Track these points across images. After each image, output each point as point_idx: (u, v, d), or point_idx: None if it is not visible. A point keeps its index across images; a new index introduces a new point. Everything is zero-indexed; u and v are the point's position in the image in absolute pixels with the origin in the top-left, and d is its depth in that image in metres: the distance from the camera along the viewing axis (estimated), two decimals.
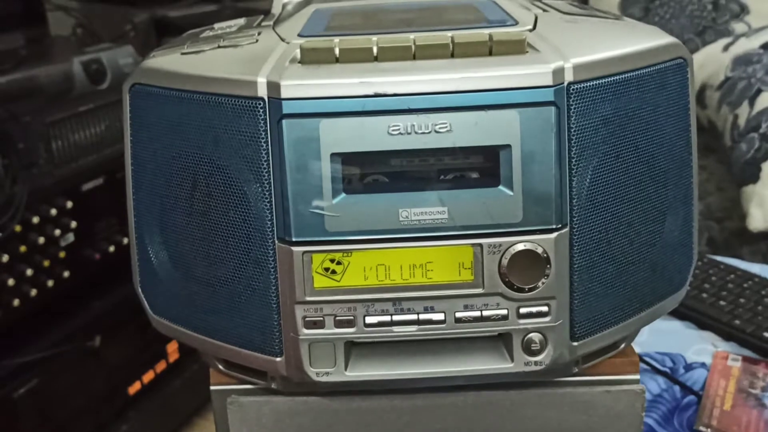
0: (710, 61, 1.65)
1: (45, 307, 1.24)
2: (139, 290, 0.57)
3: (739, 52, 1.60)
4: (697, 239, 0.57)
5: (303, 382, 0.51)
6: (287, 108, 0.47)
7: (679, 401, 0.83)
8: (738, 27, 1.85)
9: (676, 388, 0.85)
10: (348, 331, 0.50)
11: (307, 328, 0.50)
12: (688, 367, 0.88)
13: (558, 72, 0.47)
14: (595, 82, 0.49)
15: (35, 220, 1.19)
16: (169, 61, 0.53)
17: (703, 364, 0.88)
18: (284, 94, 0.47)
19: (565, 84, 0.48)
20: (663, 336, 0.92)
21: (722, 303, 0.96)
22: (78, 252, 1.28)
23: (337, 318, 0.50)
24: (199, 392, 1.51)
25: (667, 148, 0.53)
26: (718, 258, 1.08)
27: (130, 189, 0.54)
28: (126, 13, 1.59)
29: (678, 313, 0.95)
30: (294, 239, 0.48)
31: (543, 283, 0.49)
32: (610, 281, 0.52)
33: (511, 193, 0.48)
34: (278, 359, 0.51)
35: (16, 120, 1.14)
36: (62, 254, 1.25)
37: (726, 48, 1.66)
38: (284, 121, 0.47)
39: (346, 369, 0.51)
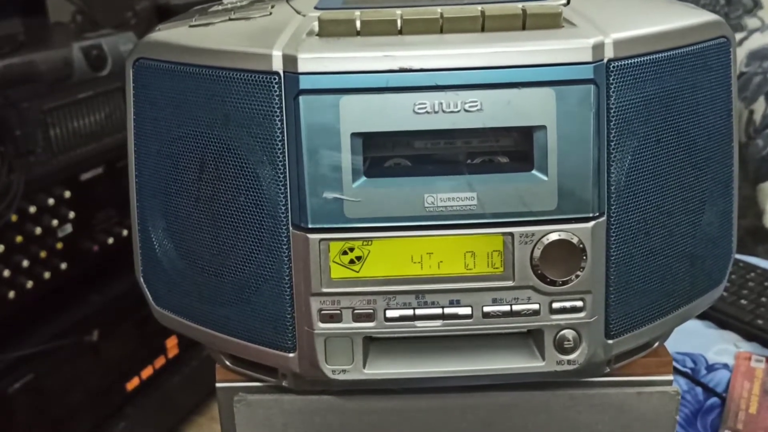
0: None
1: (41, 299, 1.21)
2: (141, 280, 0.53)
3: (753, 47, 1.58)
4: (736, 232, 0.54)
5: (317, 379, 0.48)
6: (304, 83, 0.44)
7: (702, 403, 0.80)
8: (751, 22, 1.82)
9: (699, 389, 0.81)
10: (367, 326, 0.47)
11: (322, 321, 0.47)
12: (710, 368, 0.85)
13: (598, 47, 0.44)
14: (636, 60, 0.45)
15: (32, 209, 1.16)
16: (176, 34, 0.49)
17: (725, 365, 0.85)
18: (301, 67, 0.43)
19: (605, 61, 0.44)
20: (683, 335, 0.88)
21: (743, 302, 0.93)
22: (76, 243, 1.25)
23: (356, 311, 0.46)
24: (199, 389, 1.49)
25: (708, 133, 0.50)
26: (738, 256, 1.04)
27: (133, 172, 0.51)
28: (127, 0, 1.56)
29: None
30: (310, 226, 0.45)
31: (578, 276, 0.46)
32: (648, 275, 0.48)
33: (545, 178, 0.45)
34: (291, 355, 0.48)
35: (14, 106, 1.11)
36: (59, 245, 1.22)
37: (740, 43, 1.63)
38: (301, 98, 0.44)
39: (364, 366, 0.48)
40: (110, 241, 1.31)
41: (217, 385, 0.54)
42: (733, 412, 0.77)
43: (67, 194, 1.23)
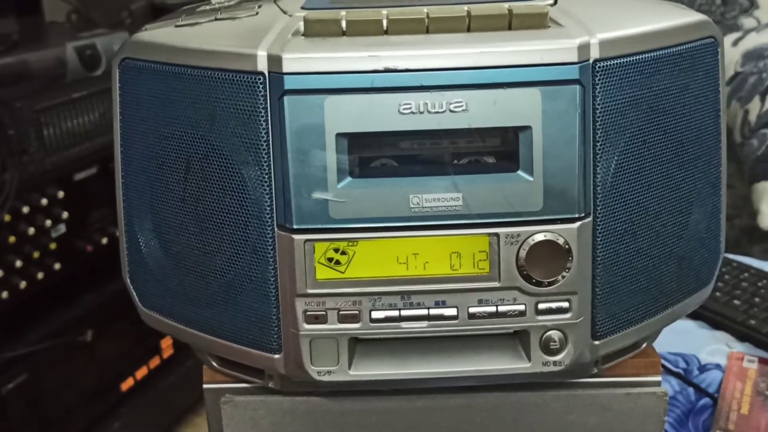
0: None
1: (35, 299, 1.21)
2: (128, 281, 0.53)
3: (749, 46, 1.57)
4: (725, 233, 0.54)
5: (303, 381, 0.48)
6: (289, 83, 0.43)
7: (693, 404, 0.80)
8: (747, 22, 1.82)
9: (690, 390, 0.81)
10: (352, 327, 0.47)
11: (308, 322, 0.46)
12: (702, 369, 0.85)
13: (583, 48, 0.44)
14: (622, 60, 0.45)
15: (25, 209, 1.16)
16: (161, 34, 0.49)
17: (717, 366, 0.85)
18: (286, 68, 0.43)
19: (591, 61, 0.44)
20: (675, 336, 0.88)
21: (736, 302, 0.93)
22: (69, 243, 1.25)
23: (341, 312, 0.46)
24: (194, 389, 1.47)
25: (696, 134, 0.50)
26: (731, 256, 1.04)
27: (119, 172, 0.51)
28: (122, 0, 1.55)
29: (691, 313, 0.92)
30: (295, 226, 0.45)
31: (564, 277, 0.46)
32: (634, 276, 0.48)
33: (531, 179, 0.44)
34: (276, 356, 0.48)
35: (7, 106, 1.11)
36: (53, 245, 1.21)
37: (735, 43, 1.63)
38: (286, 98, 0.44)
39: (349, 368, 0.47)
40: (104, 241, 1.30)
41: (204, 386, 0.54)
42: (725, 412, 0.77)
43: (61, 194, 1.22)
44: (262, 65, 0.44)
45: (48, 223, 1.20)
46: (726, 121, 0.52)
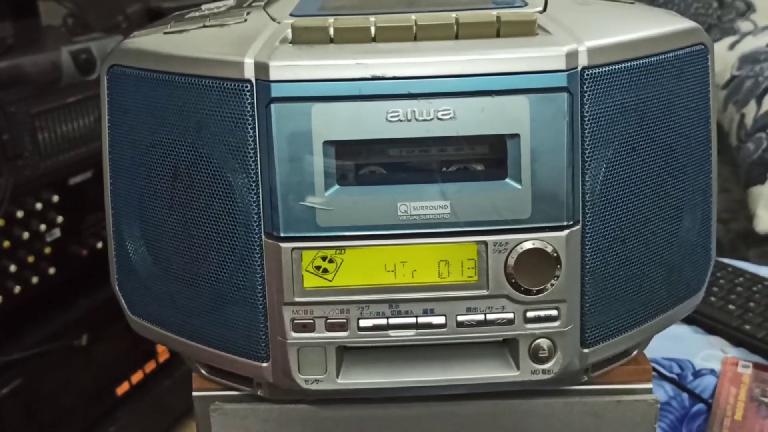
0: (715, 60, 1.61)
1: (30, 304, 1.20)
2: (117, 288, 0.53)
3: (745, 50, 1.57)
4: (715, 239, 0.54)
5: (291, 389, 0.48)
6: (276, 91, 0.43)
7: (687, 409, 0.80)
8: (744, 25, 1.82)
9: (685, 395, 0.81)
10: (340, 335, 0.46)
11: (295, 331, 0.46)
12: (697, 374, 0.85)
13: (571, 55, 0.44)
14: (611, 68, 0.45)
15: (20, 214, 1.15)
16: (150, 41, 0.49)
17: (712, 371, 0.85)
18: (273, 75, 0.43)
19: (579, 68, 0.44)
20: (670, 341, 0.88)
21: (731, 307, 0.93)
22: (64, 248, 1.24)
23: (329, 321, 0.46)
24: (190, 393, 1.47)
25: (685, 141, 0.49)
26: (726, 260, 1.04)
27: (108, 179, 0.51)
28: (119, 3, 1.55)
29: (685, 317, 0.92)
30: (282, 234, 0.45)
31: (552, 285, 0.46)
32: (624, 283, 0.48)
33: (519, 187, 0.44)
34: (264, 365, 0.48)
35: (2, 109, 1.10)
36: (48, 250, 1.21)
37: (732, 46, 1.63)
38: (273, 106, 0.43)
39: (337, 376, 0.47)
40: (99, 245, 1.30)
41: (194, 393, 0.54)
42: (719, 418, 0.77)
43: (56, 198, 1.22)
44: (249, 73, 0.44)
45: (43, 227, 1.19)
46: (716, 129, 0.52)
